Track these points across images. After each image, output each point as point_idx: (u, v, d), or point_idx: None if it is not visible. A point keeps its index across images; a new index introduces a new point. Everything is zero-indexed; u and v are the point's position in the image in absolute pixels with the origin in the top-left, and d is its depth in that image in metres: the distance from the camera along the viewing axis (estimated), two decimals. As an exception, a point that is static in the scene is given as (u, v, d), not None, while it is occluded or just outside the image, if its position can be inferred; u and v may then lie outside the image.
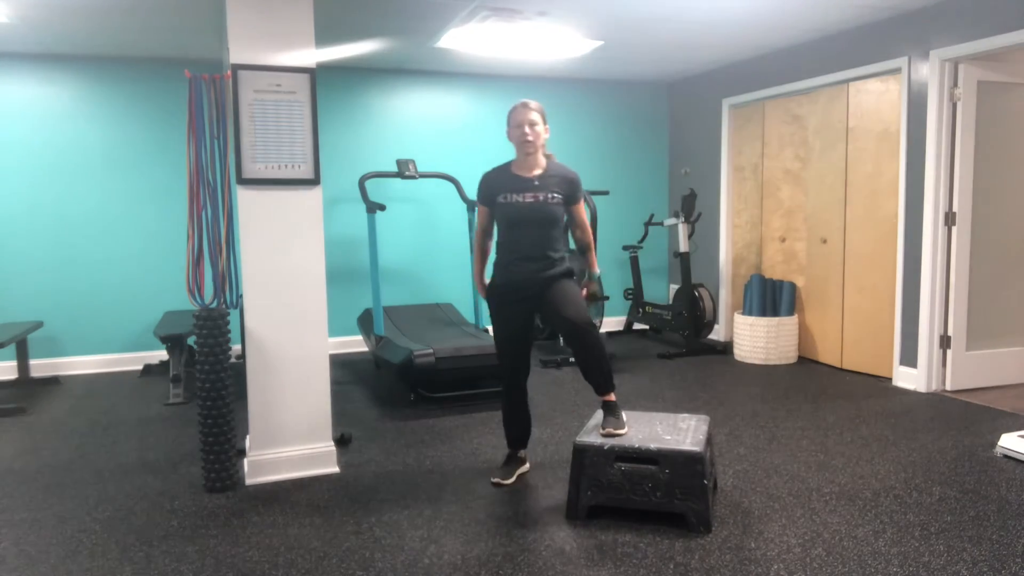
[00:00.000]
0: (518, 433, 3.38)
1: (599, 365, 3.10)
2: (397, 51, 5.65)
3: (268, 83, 3.22)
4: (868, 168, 5.16)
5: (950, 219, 4.66)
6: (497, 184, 3.22)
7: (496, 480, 3.29)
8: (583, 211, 3.31)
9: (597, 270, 3.43)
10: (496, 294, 3.27)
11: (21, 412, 4.60)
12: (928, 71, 4.62)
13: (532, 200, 3.14)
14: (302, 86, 3.28)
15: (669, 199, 7.39)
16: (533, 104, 3.18)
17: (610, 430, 2.96)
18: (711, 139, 6.66)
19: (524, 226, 3.15)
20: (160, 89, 5.81)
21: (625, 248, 6.79)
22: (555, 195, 3.16)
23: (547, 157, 3.27)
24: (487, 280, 3.39)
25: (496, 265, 3.28)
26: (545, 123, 3.20)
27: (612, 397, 3.11)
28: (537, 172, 3.21)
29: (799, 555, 2.60)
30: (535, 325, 3.31)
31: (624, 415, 3.11)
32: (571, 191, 3.22)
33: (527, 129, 3.15)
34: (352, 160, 6.35)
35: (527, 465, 3.47)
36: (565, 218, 3.25)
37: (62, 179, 5.64)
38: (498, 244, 3.27)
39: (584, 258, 3.42)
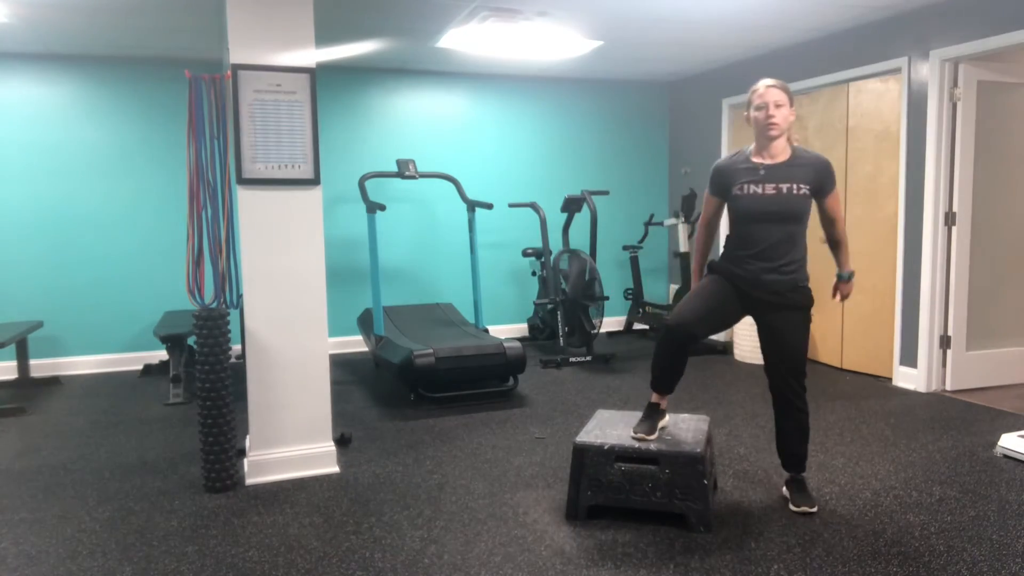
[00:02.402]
0: (671, 377, 2.96)
1: (805, 436, 2.95)
2: (397, 51, 5.65)
3: (268, 83, 3.22)
4: (868, 168, 5.15)
5: (950, 219, 4.66)
6: (732, 172, 2.89)
7: (640, 435, 2.91)
8: (837, 203, 2.93)
9: (850, 268, 3.05)
10: (717, 272, 2.98)
11: (21, 412, 4.60)
12: (928, 71, 4.62)
13: (774, 192, 2.80)
14: (302, 86, 3.28)
15: (669, 199, 7.39)
16: (778, 83, 2.83)
17: (804, 508, 2.91)
18: (711, 139, 6.66)
19: (763, 221, 2.82)
20: (160, 89, 5.81)
21: (625, 248, 6.79)
22: (803, 186, 2.80)
23: (793, 144, 2.90)
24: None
25: (722, 257, 2.98)
26: (792, 105, 2.85)
27: (803, 475, 3.02)
28: (782, 159, 2.85)
29: (799, 555, 2.60)
30: (737, 320, 3.00)
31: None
32: (822, 180, 2.84)
33: (772, 110, 2.79)
34: (352, 160, 6.35)
35: (668, 417, 3.13)
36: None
37: (62, 179, 5.64)
38: (728, 238, 2.96)
39: (837, 255, 3.02)
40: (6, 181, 5.52)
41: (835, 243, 3.00)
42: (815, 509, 2.91)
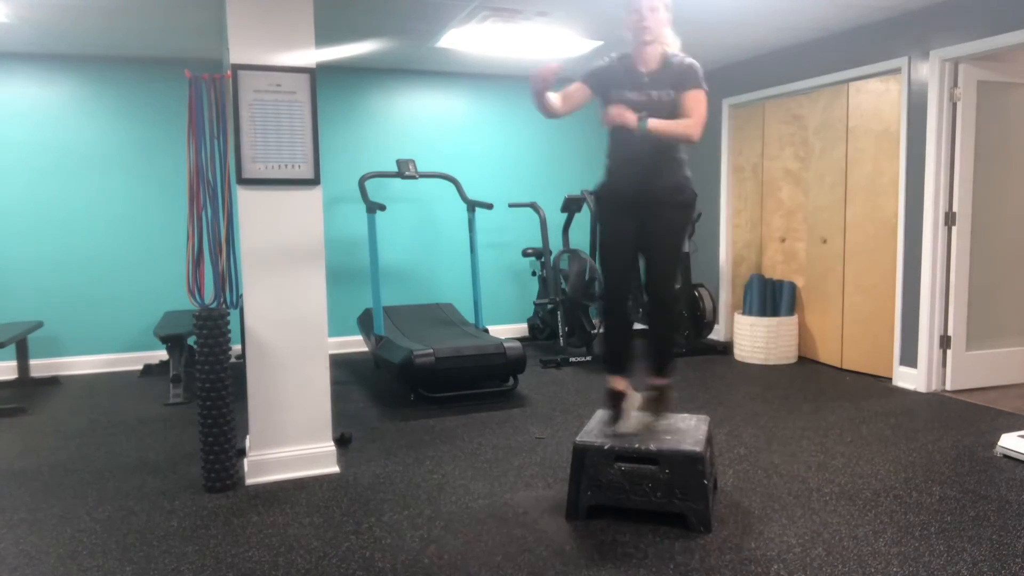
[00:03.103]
0: (621, 355, 3.05)
1: (670, 341, 3.02)
2: (397, 51, 5.65)
3: (268, 83, 3.22)
4: (868, 168, 5.15)
5: (950, 219, 4.66)
6: (609, 74, 2.89)
7: (619, 431, 2.94)
8: (697, 104, 2.83)
9: (653, 125, 2.77)
10: (603, 197, 3.00)
11: (21, 412, 4.60)
12: (928, 71, 4.62)
13: (644, 99, 2.82)
14: (302, 86, 3.28)
15: (669, 199, 7.38)
16: None
17: (642, 420, 2.95)
18: (711, 139, 6.66)
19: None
20: (160, 89, 5.81)
21: (625, 248, 6.78)
22: (669, 92, 2.81)
23: (667, 51, 2.85)
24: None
25: (605, 167, 3.02)
26: (668, 9, 2.81)
27: (665, 381, 3.06)
28: (653, 66, 2.85)
29: (799, 555, 2.60)
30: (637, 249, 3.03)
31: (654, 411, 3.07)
32: (682, 79, 2.82)
33: (645, 13, 2.77)
34: (352, 160, 6.35)
35: (637, 396, 3.11)
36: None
37: (62, 179, 5.64)
38: (609, 148, 2.99)
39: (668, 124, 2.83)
40: (6, 181, 5.52)
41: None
42: (650, 422, 2.95)
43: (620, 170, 2.94)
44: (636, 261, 3.05)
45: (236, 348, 5.72)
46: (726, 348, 6.22)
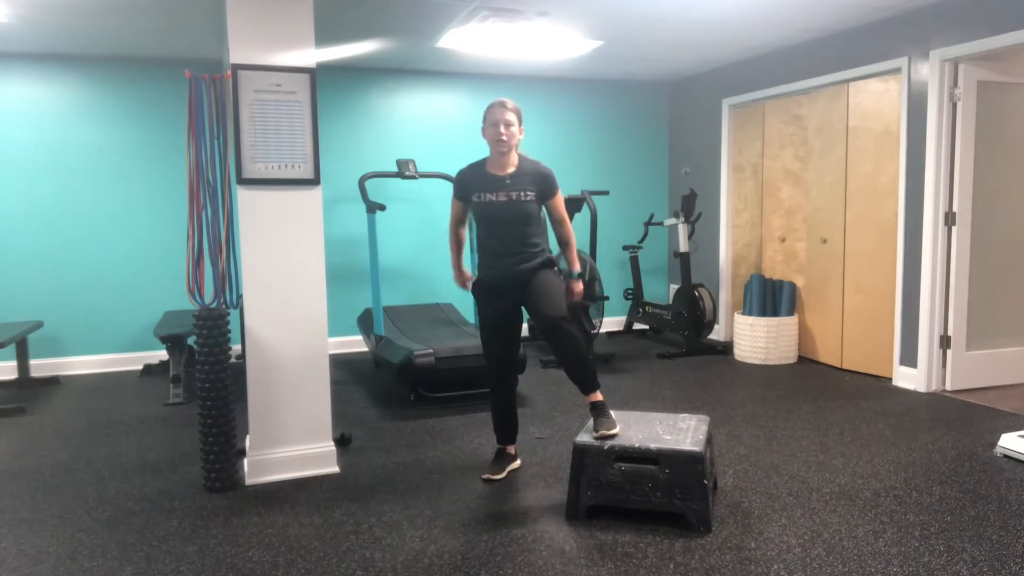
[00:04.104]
0: (507, 430, 3.44)
1: (577, 361, 3.12)
2: (397, 51, 5.65)
3: (268, 83, 3.22)
4: (868, 168, 5.15)
5: (950, 219, 4.66)
6: (472, 182, 3.28)
7: (487, 476, 3.34)
8: (560, 205, 3.34)
9: (577, 268, 3.42)
10: (480, 291, 3.35)
11: (21, 412, 4.60)
12: (928, 71, 4.62)
13: (505, 199, 3.20)
14: (302, 86, 3.28)
15: (669, 199, 7.39)
16: (510, 104, 3.22)
17: (603, 432, 2.93)
18: (711, 139, 6.66)
19: (499, 225, 3.22)
20: (160, 89, 5.81)
21: (625, 248, 6.79)
22: (528, 192, 3.21)
23: (520, 156, 3.30)
24: (471, 277, 3.49)
25: (479, 265, 3.36)
26: (520, 124, 3.24)
27: (598, 396, 3.11)
28: (511, 170, 3.24)
29: (799, 555, 2.60)
30: (521, 319, 3.41)
31: (613, 414, 3.08)
32: (544, 187, 3.26)
33: (502, 129, 3.17)
34: (352, 160, 6.35)
35: (518, 461, 3.52)
36: (543, 213, 3.33)
37: (62, 179, 5.64)
38: (478, 244, 3.33)
39: (564, 254, 3.43)
40: (6, 181, 5.52)
41: (562, 243, 3.40)
42: (614, 431, 2.93)
43: (491, 264, 3.28)
44: (516, 335, 3.37)
45: (236, 348, 5.72)
46: (726, 348, 6.22)
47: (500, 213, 3.21)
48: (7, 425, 4.36)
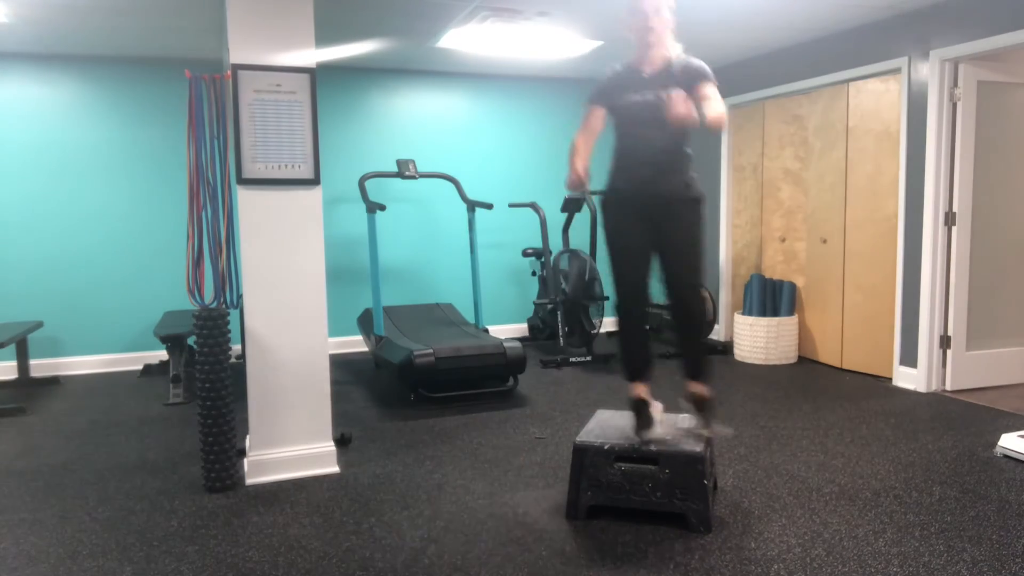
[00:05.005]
0: (639, 361, 2.96)
1: (701, 338, 2.84)
2: (397, 51, 5.65)
3: (268, 83, 3.22)
4: (868, 168, 5.15)
5: (950, 219, 4.66)
6: (612, 83, 2.87)
7: (651, 438, 2.85)
8: (714, 90, 2.77)
9: (711, 116, 2.72)
10: (611, 201, 2.94)
11: (21, 412, 4.60)
12: (928, 71, 4.62)
13: (654, 99, 2.76)
14: (302, 86, 3.28)
15: (669, 199, 7.38)
16: None
17: (718, 431, 2.73)
18: (711, 139, 6.66)
19: (643, 126, 2.80)
20: (160, 89, 5.81)
21: (625, 248, 6.78)
22: (677, 90, 2.70)
23: (676, 51, 2.82)
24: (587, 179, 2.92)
25: (611, 172, 2.96)
26: (672, 12, 2.78)
27: (708, 391, 2.88)
28: (658, 67, 2.80)
29: (799, 555, 2.60)
30: (652, 257, 2.98)
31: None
32: (691, 77, 2.77)
33: (650, 14, 2.73)
34: (352, 160, 6.35)
35: (660, 407, 3.05)
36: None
37: (62, 179, 5.64)
38: (614, 150, 2.93)
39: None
40: (6, 181, 5.52)
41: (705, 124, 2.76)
42: (729, 431, 2.76)
43: (630, 172, 2.87)
44: (649, 265, 2.98)
45: (236, 348, 5.72)
46: (726, 348, 6.22)
47: (644, 114, 2.77)
48: (7, 425, 4.36)
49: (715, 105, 2.73)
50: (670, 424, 3.07)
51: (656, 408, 2.98)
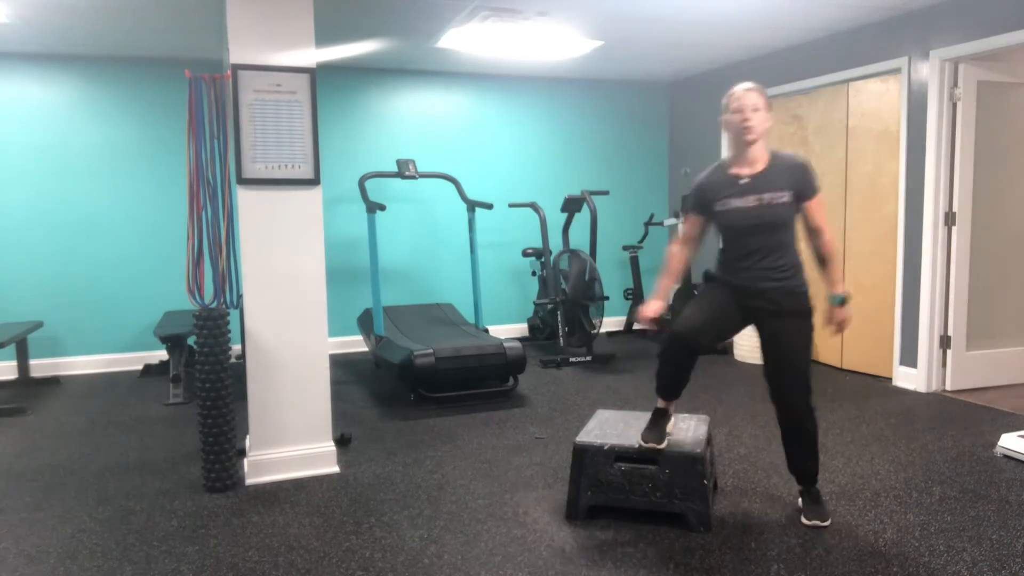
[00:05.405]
0: (678, 384, 2.85)
1: (814, 453, 2.82)
2: (397, 51, 5.65)
3: (268, 83, 3.22)
4: (868, 168, 5.16)
5: (950, 219, 4.66)
6: (711, 188, 2.79)
7: (650, 444, 2.81)
8: (820, 209, 2.76)
9: (841, 289, 2.82)
10: (716, 280, 2.88)
11: (21, 412, 4.60)
12: (928, 71, 4.62)
13: (756, 203, 2.70)
14: (302, 86, 3.28)
15: (669, 199, 7.39)
16: (756, 87, 2.69)
17: (816, 522, 2.79)
18: (711, 139, 6.66)
19: (750, 234, 2.73)
20: (160, 89, 5.81)
21: (625, 248, 6.79)
22: (782, 193, 2.69)
23: (771, 150, 2.78)
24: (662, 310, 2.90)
25: (717, 266, 2.90)
26: (768, 110, 2.71)
27: (817, 484, 2.91)
28: (760, 168, 2.73)
29: (799, 555, 2.60)
30: (739, 330, 2.92)
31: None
32: (803, 184, 2.70)
33: (748, 114, 2.66)
34: (352, 160, 6.35)
35: (674, 419, 3.08)
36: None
37: (62, 179, 5.64)
38: (720, 251, 2.87)
39: (825, 272, 2.83)
40: (6, 181, 5.52)
41: (821, 258, 2.83)
42: (827, 523, 2.81)
43: (737, 273, 2.81)
44: (730, 328, 2.89)
45: (236, 348, 5.72)
46: (726, 348, 6.22)
47: (745, 221, 2.71)
48: (7, 425, 4.36)
49: (830, 238, 2.80)
50: (672, 425, 3.07)
51: (671, 422, 2.95)
